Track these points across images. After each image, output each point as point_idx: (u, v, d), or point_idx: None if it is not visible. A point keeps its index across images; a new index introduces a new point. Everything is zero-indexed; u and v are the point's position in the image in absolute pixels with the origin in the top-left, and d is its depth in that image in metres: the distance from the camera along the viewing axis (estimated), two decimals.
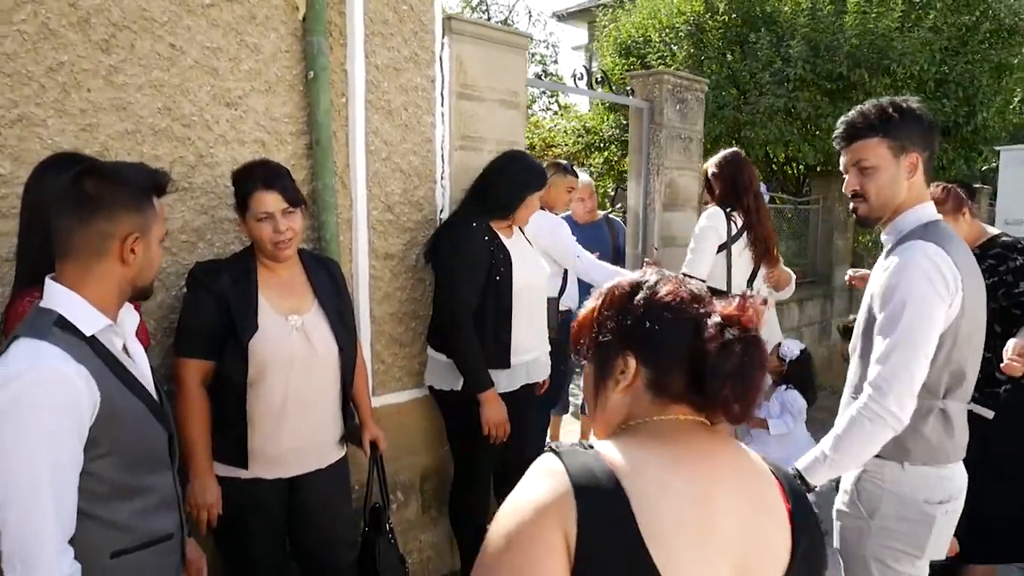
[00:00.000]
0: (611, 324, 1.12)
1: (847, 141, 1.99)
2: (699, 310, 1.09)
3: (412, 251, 3.13)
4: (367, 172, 2.93)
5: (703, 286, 1.19)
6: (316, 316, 2.36)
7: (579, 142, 8.43)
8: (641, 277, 1.15)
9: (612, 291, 1.16)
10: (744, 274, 3.54)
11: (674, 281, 1.13)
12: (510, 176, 2.94)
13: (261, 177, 2.23)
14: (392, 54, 2.97)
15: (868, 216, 2.00)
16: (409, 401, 3.20)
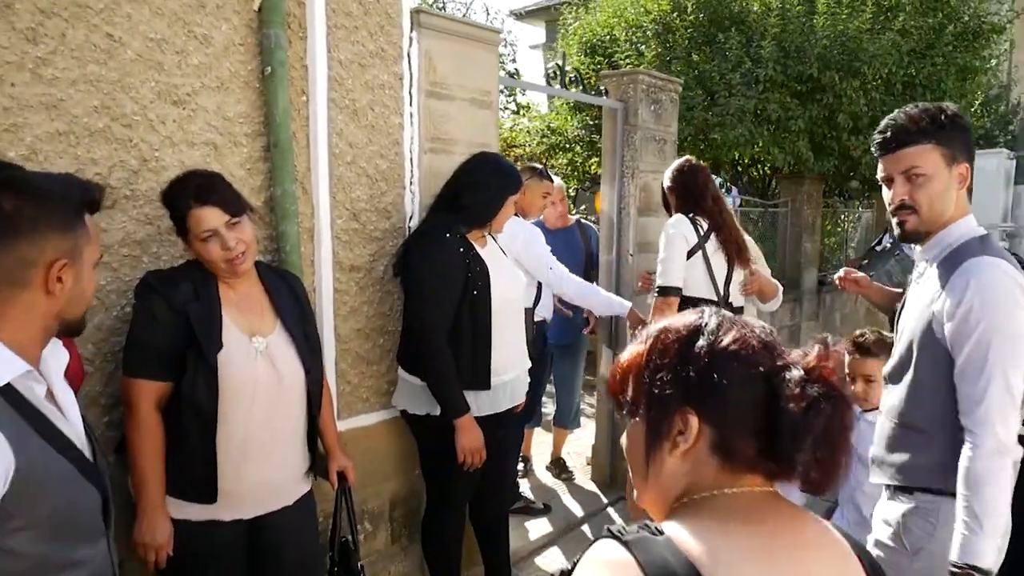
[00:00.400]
0: (666, 375, 0.95)
1: (895, 147, 1.82)
2: (773, 361, 0.93)
3: (380, 262, 2.90)
4: (330, 177, 2.70)
5: (771, 330, 1.00)
6: (280, 337, 2.13)
7: (543, 143, 8.25)
8: (699, 319, 0.99)
9: (664, 335, 0.99)
10: (720, 277, 3.39)
11: (738, 324, 0.97)
12: (485, 180, 2.73)
13: (193, 192, 1.98)
14: (357, 49, 2.74)
15: (917, 230, 1.83)
16: (377, 424, 2.97)
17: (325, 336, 2.73)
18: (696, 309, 1.01)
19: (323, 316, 2.72)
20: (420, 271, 2.63)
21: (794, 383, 0.89)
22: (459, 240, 2.67)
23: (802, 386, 0.89)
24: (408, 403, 2.78)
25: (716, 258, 3.32)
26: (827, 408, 0.88)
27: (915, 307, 1.84)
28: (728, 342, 0.93)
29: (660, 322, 1.01)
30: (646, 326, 1.05)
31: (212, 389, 1.95)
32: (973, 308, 1.68)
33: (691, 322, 0.98)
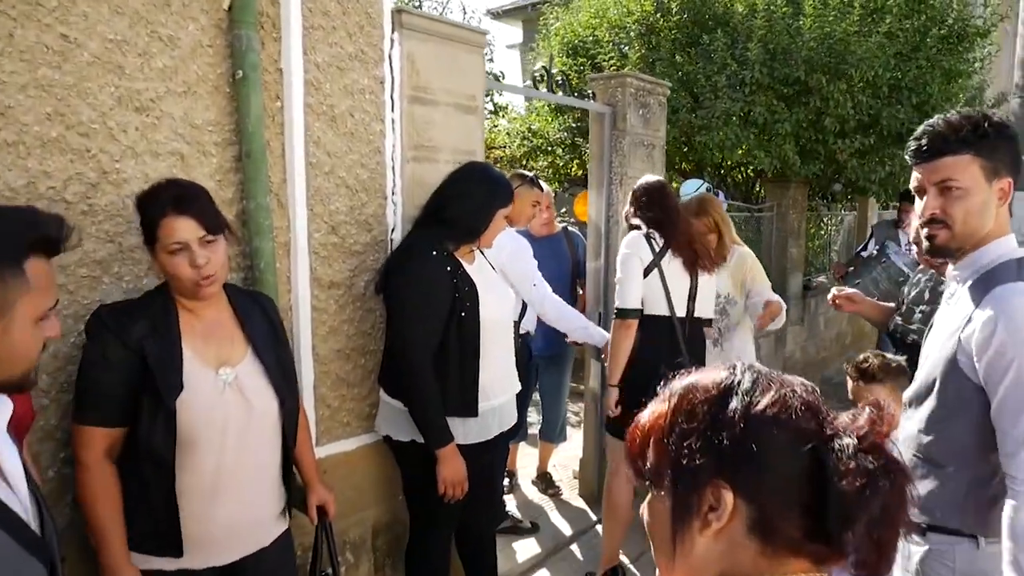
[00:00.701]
0: (695, 442, 0.83)
1: (930, 156, 1.67)
2: (821, 427, 0.82)
3: (360, 278, 2.73)
4: (307, 188, 2.52)
5: (813, 388, 0.88)
6: (251, 366, 1.96)
7: (523, 145, 8.09)
8: (730, 376, 0.87)
9: (691, 394, 0.87)
10: (682, 291, 3.26)
11: (776, 382, 0.86)
12: (473, 192, 2.56)
13: (171, 200, 1.80)
14: (335, 51, 2.56)
15: (947, 246, 1.69)
16: (359, 449, 2.80)
17: (303, 358, 2.56)
18: (726, 364, 0.90)
19: (300, 336, 2.55)
20: (403, 291, 2.46)
21: (847, 455, 0.78)
22: (446, 257, 2.50)
23: (856, 459, 0.78)
24: (391, 428, 2.61)
25: (673, 271, 3.21)
26: (885, 484, 0.78)
27: (942, 332, 1.70)
28: (766, 404, 0.82)
29: (687, 378, 0.90)
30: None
31: (170, 435, 1.78)
32: (1005, 342, 1.54)
33: (721, 380, 0.87)
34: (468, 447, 2.54)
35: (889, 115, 5.88)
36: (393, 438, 2.61)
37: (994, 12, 6.48)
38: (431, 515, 2.66)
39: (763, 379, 0.86)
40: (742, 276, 3.67)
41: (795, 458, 0.80)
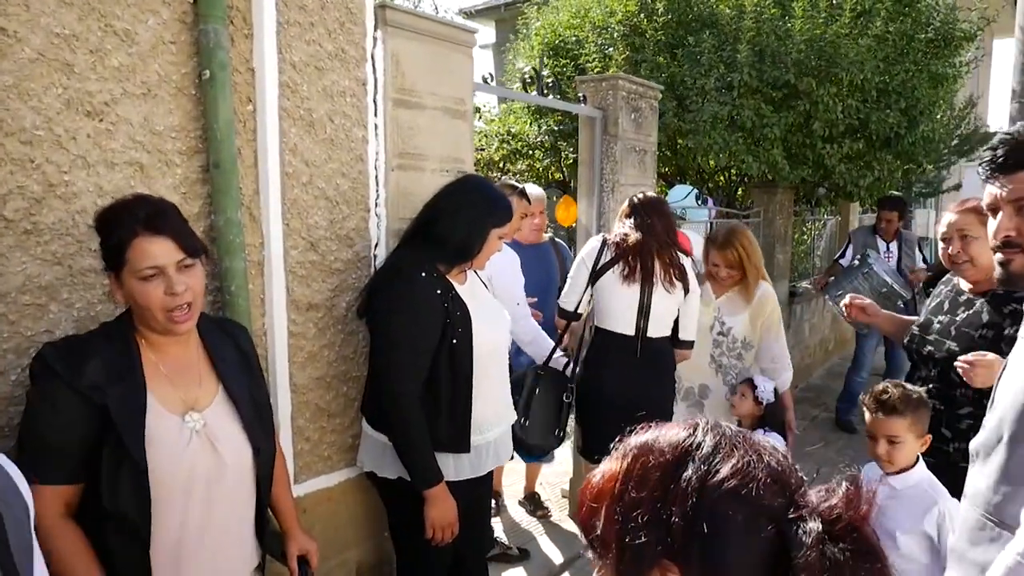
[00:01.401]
0: (643, 515, 0.76)
1: (1008, 169, 1.48)
2: (787, 505, 0.73)
3: (341, 298, 2.49)
4: (283, 201, 2.29)
5: (784, 455, 0.80)
6: (222, 409, 1.72)
7: (503, 147, 7.87)
8: (689, 438, 0.80)
9: (645, 456, 0.80)
10: (625, 304, 3.09)
11: (741, 447, 0.78)
12: (469, 208, 2.33)
13: (143, 218, 1.56)
14: (313, 49, 2.33)
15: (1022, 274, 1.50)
16: (341, 484, 2.57)
17: (279, 388, 2.32)
18: (688, 423, 0.82)
19: (276, 364, 2.31)
20: (389, 315, 2.23)
21: (810, 539, 0.70)
22: (436, 278, 2.27)
23: (820, 544, 0.69)
24: (375, 464, 2.38)
25: (619, 285, 3.08)
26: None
27: (1016, 375, 1.51)
28: (726, 475, 0.74)
29: (645, 435, 0.83)
30: None
31: (141, 495, 1.53)
32: None
33: (679, 442, 0.79)
34: (460, 484, 2.32)
35: (878, 119, 5.76)
36: (378, 475, 2.37)
37: (981, 16, 6.40)
38: (420, 556, 2.43)
39: (726, 442, 0.77)
40: (761, 319, 3.43)
41: (754, 539, 0.71)
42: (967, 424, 2.50)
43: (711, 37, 5.72)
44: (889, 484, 2.42)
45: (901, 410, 2.37)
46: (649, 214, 3.12)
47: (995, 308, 2.51)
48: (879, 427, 2.40)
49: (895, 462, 2.39)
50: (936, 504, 2.35)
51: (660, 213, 3.15)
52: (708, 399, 3.48)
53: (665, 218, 3.16)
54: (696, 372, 3.49)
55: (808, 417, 6.45)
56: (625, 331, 3.12)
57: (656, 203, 3.19)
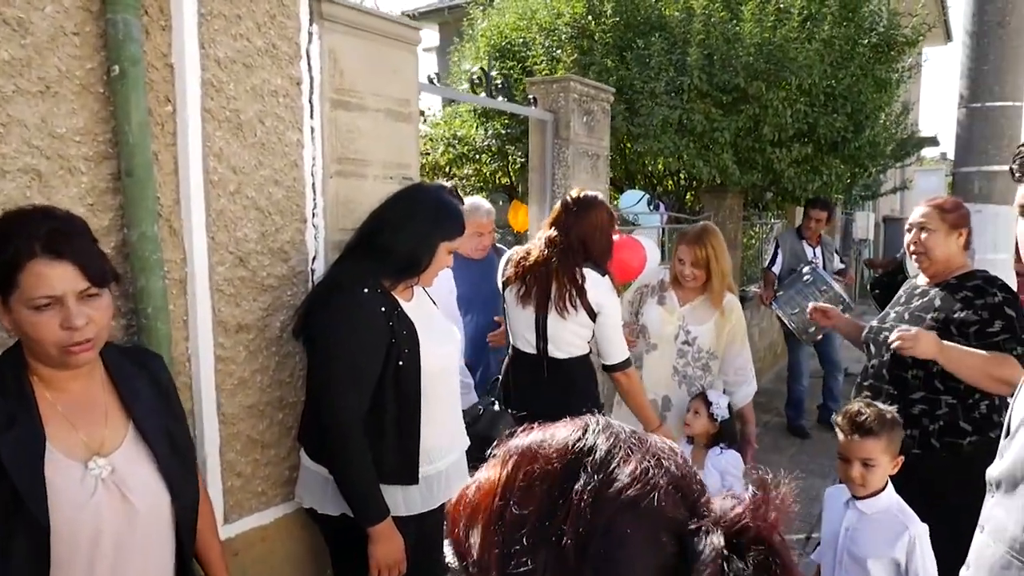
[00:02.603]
0: (528, 536, 0.65)
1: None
2: (688, 515, 0.66)
3: (275, 317, 2.27)
4: (207, 212, 2.06)
5: (683, 457, 0.72)
6: (133, 451, 1.50)
7: (449, 152, 7.67)
8: (581, 440, 0.70)
9: (527, 466, 0.69)
10: (524, 323, 2.87)
11: (639, 448, 0.69)
12: (417, 220, 2.13)
13: (44, 236, 1.34)
14: (240, 44, 2.11)
15: None
16: (277, 521, 2.35)
17: (205, 419, 2.09)
18: (578, 420, 0.73)
19: (202, 393, 2.08)
20: (328, 336, 2.02)
21: (711, 555, 0.62)
22: (380, 295, 2.07)
23: (722, 560, 0.62)
24: (315, 499, 2.16)
25: (511, 302, 2.92)
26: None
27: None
28: (623, 485, 0.65)
29: (529, 436, 0.72)
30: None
31: (41, 557, 1.31)
32: None
33: (568, 446, 0.69)
34: (408, 519, 2.12)
35: (826, 124, 5.76)
36: (318, 511, 2.16)
37: (922, 22, 6.48)
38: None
39: (621, 446, 0.68)
40: (728, 328, 3.30)
41: (653, 561, 0.63)
42: (920, 409, 2.58)
43: (660, 40, 5.64)
44: (857, 509, 2.32)
45: (877, 432, 2.27)
46: (572, 223, 2.81)
47: (948, 295, 2.60)
48: (854, 450, 2.29)
49: (868, 485, 2.28)
50: (907, 529, 2.25)
51: (586, 222, 2.82)
52: (670, 411, 3.36)
53: (588, 227, 2.82)
54: (658, 384, 3.35)
55: (759, 423, 6.38)
56: (527, 350, 2.90)
57: (588, 204, 2.86)
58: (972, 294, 2.54)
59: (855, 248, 13.20)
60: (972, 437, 2.52)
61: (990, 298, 2.51)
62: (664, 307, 3.34)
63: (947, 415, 2.55)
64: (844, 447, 2.30)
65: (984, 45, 4.64)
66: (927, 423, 2.57)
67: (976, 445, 2.49)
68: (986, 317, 2.49)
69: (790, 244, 6.02)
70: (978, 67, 4.70)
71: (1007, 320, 2.46)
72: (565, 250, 2.78)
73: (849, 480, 2.31)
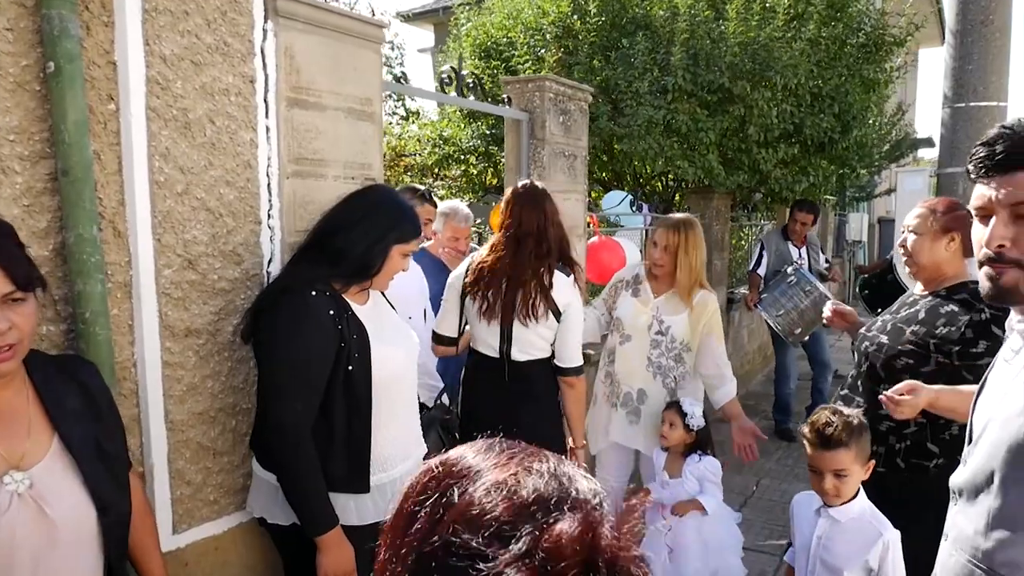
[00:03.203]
0: (398, 551, 0.64)
1: (1004, 168, 1.27)
2: (493, 549, 0.58)
3: (228, 321, 2.21)
4: (153, 213, 2.00)
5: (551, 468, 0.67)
6: (56, 464, 1.44)
7: (435, 153, 7.62)
8: (458, 458, 0.69)
9: (431, 477, 0.69)
10: (487, 329, 2.83)
11: (515, 461, 0.66)
12: (370, 221, 2.08)
13: None
14: (188, 41, 2.05)
15: (1017, 287, 1.28)
16: (231, 531, 2.28)
17: (152, 426, 2.03)
18: (485, 440, 0.72)
19: (148, 399, 2.02)
20: (274, 342, 1.97)
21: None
22: (329, 298, 2.02)
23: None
24: (266, 509, 2.10)
25: (474, 310, 2.86)
26: None
27: (1003, 405, 1.31)
28: (467, 502, 0.62)
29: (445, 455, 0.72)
30: None
31: None
32: None
33: (452, 459, 0.70)
34: (361, 528, 2.07)
35: (812, 124, 5.71)
36: (268, 520, 2.10)
37: (910, 22, 6.42)
38: None
39: (496, 457, 0.66)
40: (703, 322, 3.27)
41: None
42: (887, 426, 2.44)
43: (644, 39, 5.59)
44: (830, 517, 2.27)
45: (846, 442, 2.20)
46: (527, 219, 2.74)
47: (935, 307, 2.43)
48: (824, 462, 2.22)
49: (842, 495, 2.23)
50: (881, 535, 2.20)
51: (541, 214, 2.76)
52: (645, 404, 3.32)
53: (543, 219, 2.75)
54: (633, 376, 3.34)
55: None
56: (489, 353, 2.86)
57: (539, 196, 2.79)
58: (958, 308, 2.34)
59: (848, 249, 13.14)
60: (939, 460, 2.35)
61: (976, 315, 2.30)
62: (638, 299, 3.36)
63: (915, 434, 2.40)
64: (814, 460, 2.24)
65: (968, 44, 4.60)
66: (894, 441, 2.45)
67: (942, 469, 2.27)
68: (970, 336, 2.28)
69: (775, 245, 5.97)
70: (962, 66, 4.66)
71: (993, 341, 2.20)
72: (529, 252, 2.73)
73: (822, 493, 2.25)
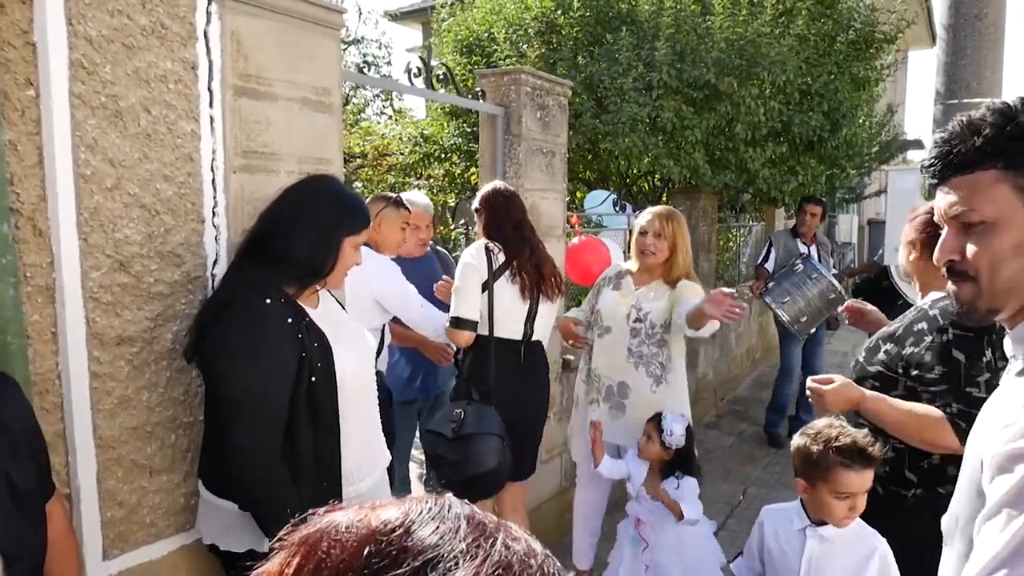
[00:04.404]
0: None
1: (944, 176, 1.15)
2: None
3: (166, 328, 2.04)
4: (79, 210, 1.82)
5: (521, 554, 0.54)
6: None
7: (416, 151, 7.44)
8: (396, 529, 0.54)
9: (319, 547, 0.54)
10: (518, 312, 3.00)
11: (491, 561, 0.52)
12: (314, 215, 1.91)
13: None
14: (118, 22, 1.87)
15: (974, 303, 1.14)
16: (171, 555, 2.10)
17: (78, 443, 1.85)
18: (406, 501, 0.58)
19: (73, 414, 1.84)
20: (228, 363, 1.79)
21: None
22: (285, 305, 1.85)
23: None
24: (219, 535, 1.93)
25: (506, 294, 2.94)
26: None
27: (986, 429, 1.15)
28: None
29: (328, 518, 0.58)
30: None
31: None
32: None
33: (377, 528, 0.55)
34: None
35: (801, 122, 5.57)
36: (221, 548, 1.93)
37: (900, 18, 6.29)
38: None
39: (458, 541, 0.53)
40: (675, 299, 3.20)
41: None
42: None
43: (629, 35, 5.43)
44: (820, 536, 2.11)
45: (874, 457, 2.03)
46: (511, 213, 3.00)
47: (910, 324, 2.19)
48: (862, 483, 2.01)
49: (858, 511, 2.06)
50: (876, 548, 2.04)
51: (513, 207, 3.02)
52: (629, 398, 3.21)
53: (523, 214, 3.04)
54: (614, 369, 3.27)
55: (735, 432, 6.21)
56: (513, 337, 3.00)
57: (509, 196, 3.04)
58: (927, 326, 2.11)
59: (838, 251, 13.04)
60: (917, 490, 2.12)
61: (938, 336, 2.06)
62: (619, 291, 3.34)
63: (893, 460, 2.17)
64: (847, 482, 1.99)
65: (961, 39, 4.46)
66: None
67: (920, 500, 2.10)
68: (927, 360, 2.05)
69: (784, 242, 5.85)
70: (955, 62, 4.52)
71: (950, 367, 2.00)
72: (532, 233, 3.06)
73: (843, 516, 2.04)
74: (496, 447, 2.73)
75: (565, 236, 4.17)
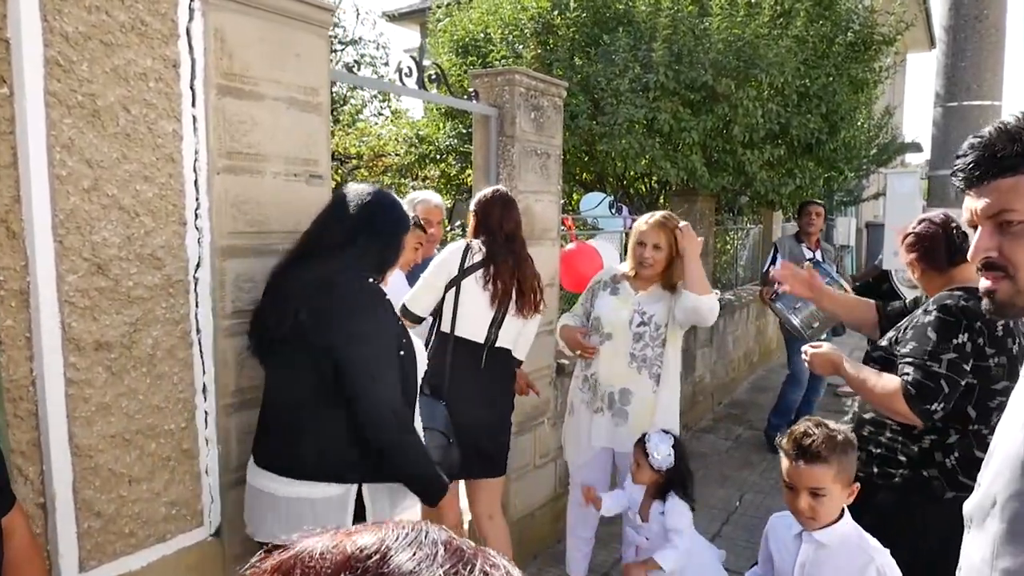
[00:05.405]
0: None
1: (980, 179, 1.18)
2: None
3: (146, 332, 1.98)
4: (54, 211, 1.77)
5: None
6: None
7: (412, 152, 7.40)
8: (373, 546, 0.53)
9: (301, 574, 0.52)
10: (483, 315, 2.90)
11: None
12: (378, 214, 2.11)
13: None
14: (96, 18, 1.82)
15: (1012, 302, 1.18)
16: (151, 565, 2.05)
17: (53, 451, 1.80)
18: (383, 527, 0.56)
19: (48, 422, 1.79)
20: (357, 329, 1.96)
21: None
22: (377, 286, 2.10)
23: None
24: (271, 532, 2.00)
25: (473, 297, 2.86)
26: None
27: (1014, 418, 1.17)
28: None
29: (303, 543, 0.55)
30: None
31: None
32: None
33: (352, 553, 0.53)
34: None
35: (799, 124, 5.53)
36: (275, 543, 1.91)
37: (899, 20, 6.26)
38: None
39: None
40: (675, 300, 3.15)
41: None
42: (868, 431, 2.39)
43: (626, 35, 5.39)
44: (814, 541, 2.06)
45: (826, 456, 2.00)
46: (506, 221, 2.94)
47: (914, 316, 2.33)
48: (801, 477, 2.02)
49: (819, 518, 2.02)
50: (872, 560, 1.99)
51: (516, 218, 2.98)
52: (631, 404, 3.14)
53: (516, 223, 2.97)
54: (614, 376, 3.18)
55: (732, 436, 6.16)
56: (472, 338, 2.90)
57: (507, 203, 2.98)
58: (920, 312, 2.30)
59: (836, 254, 12.99)
60: (904, 471, 2.27)
61: (924, 316, 2.25)
62: (618, 296, 3.26)
63: (889, 442, 2.32)
64: (790, 474, 2.04)
65: (961, 40, 4.41)
66: (872, 448, 2.36)
67: (906, 480, 2.27)
68: (907, 336, 2.24)
69: (788, 247, 5.79)
70: (955, 63, 4.48)
71: (920, 342, 2.19)
72: (524, 248, 2.97)
73: (797, 512, 2.05)
74: (439, 443, 2.65)
75: (560, 240, 4.12)
